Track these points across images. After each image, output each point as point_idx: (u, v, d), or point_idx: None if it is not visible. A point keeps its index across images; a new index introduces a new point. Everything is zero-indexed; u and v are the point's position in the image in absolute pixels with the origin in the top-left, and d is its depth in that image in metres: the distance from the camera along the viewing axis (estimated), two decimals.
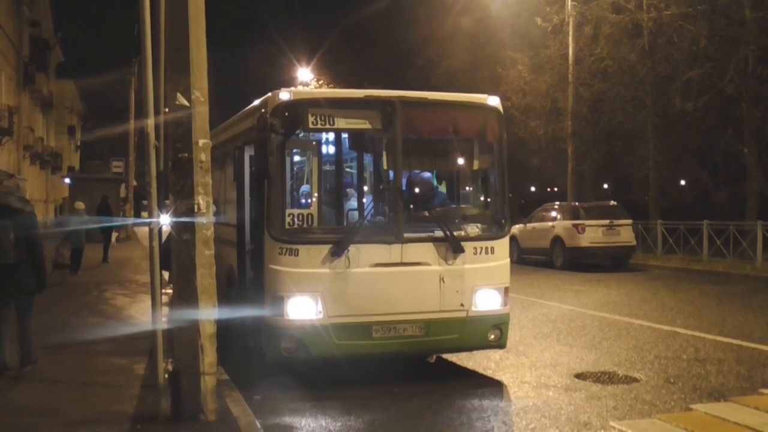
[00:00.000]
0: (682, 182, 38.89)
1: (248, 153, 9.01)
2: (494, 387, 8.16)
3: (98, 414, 6.55)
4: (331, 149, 9.17)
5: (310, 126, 7.75)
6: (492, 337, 8.26)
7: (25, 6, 39.40)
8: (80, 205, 19.63)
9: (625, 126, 29.63)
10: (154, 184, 7.54)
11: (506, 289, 8.32)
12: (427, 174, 8.91)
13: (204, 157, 6.42)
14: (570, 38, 28.30)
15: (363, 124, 8.03)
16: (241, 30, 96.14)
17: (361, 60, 45.45)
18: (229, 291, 9.72)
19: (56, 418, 6.41)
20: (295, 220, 7.83)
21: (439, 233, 7.99)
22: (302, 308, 7.57)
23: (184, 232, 6.36)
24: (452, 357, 9.31)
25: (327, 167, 9.42)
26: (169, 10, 6.67)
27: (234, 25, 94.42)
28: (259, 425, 6.29)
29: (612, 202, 24.53)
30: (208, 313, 6.35)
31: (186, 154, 6.37)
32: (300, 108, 7.71)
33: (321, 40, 45.15)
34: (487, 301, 8.15)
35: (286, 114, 7.68)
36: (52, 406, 6.81)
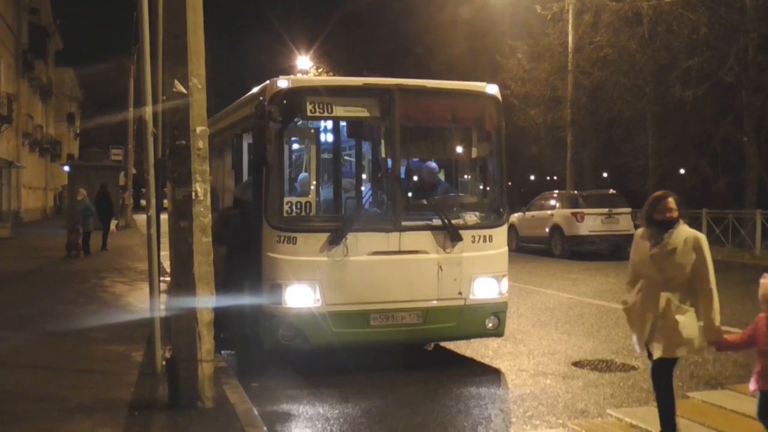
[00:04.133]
0: (681, 171, 38.80)
1: (246, 141, 8.99)
2: (492, 375, 8.18)
3: (95, 401, 6.56)
4: (330, 137, 9.15)
5: (309, 114, 7.73)
6: (490, 325, 8.27)
7: None
8: (83, 193, 21.84)
9: (625, 114, 29.56)
10: (152, 172, 7.50)
11: (504, 278, 8.32)
12: (433, 164, 8.88)
13: (201, 144, 6.40)
14: (569, 26, 28.22)
15: (361, 112, 8.01)
16: (239, 17, 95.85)
17: (361, 48, 45.41)
18: (226, 278, 9.71)
19: (53, 405, 6.42)
20: (293, 208, 7.83)
21: (437, 221, 7.98)
22: (300, 296, 7.58)
23: (182, 219, 6.36)
24: (450, 345, 9.32)
25: (325, 155, 9.40)
26: None
27: (233, 13, 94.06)
28: (256, 412, 6.29)
29: (611, 191, 24.49)
30: (206, 301, 6.35)
31: (183, 142, 6.35)
32: (298, 96, 7.68)
33: (320, 28, 45.16)
34: (485, 289, 8.15)
35: (285, 102, 7.66)
36: (50, 393, 6.82)
